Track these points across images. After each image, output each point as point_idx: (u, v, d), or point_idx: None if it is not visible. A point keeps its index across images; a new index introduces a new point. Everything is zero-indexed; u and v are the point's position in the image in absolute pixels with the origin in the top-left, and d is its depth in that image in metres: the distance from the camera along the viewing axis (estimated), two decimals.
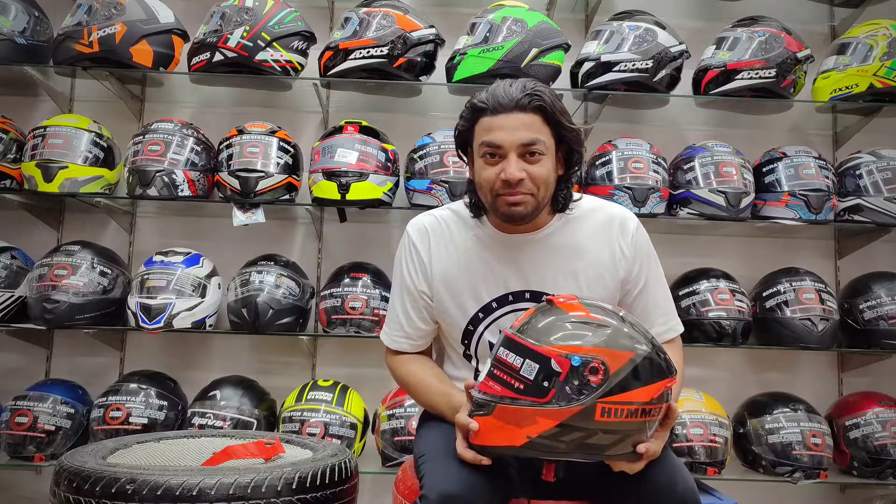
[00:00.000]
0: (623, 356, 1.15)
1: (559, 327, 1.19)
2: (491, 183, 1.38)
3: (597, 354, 1.14)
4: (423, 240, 1.52)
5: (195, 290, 2.38)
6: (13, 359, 2.66)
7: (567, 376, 1.13)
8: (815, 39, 2.78)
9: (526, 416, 1.14)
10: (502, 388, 1.17)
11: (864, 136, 2.73)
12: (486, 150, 1.38)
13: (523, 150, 1.36)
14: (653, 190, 2.43)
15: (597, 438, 1.14)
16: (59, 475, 1.31)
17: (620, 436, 1.15)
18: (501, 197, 1.38)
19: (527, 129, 1.36)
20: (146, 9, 2.46)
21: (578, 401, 1.13)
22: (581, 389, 1.13)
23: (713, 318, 2.43)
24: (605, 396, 1.13)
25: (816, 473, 2.33)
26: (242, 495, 1.23)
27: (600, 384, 1.13)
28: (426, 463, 1.33)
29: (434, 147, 2.46)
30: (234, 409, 2.32)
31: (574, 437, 1.14)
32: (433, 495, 1.20)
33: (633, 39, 2.48)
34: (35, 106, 2.77)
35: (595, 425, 1.13)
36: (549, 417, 1.13)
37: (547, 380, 1.14)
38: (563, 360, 1.14)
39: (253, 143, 2.43)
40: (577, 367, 1.13)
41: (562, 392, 1.13)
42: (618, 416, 1.14)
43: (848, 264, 2.79)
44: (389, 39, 2.42)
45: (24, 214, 2.63)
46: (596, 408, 1.13)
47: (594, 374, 1.13)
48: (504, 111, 1.36)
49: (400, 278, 1.55)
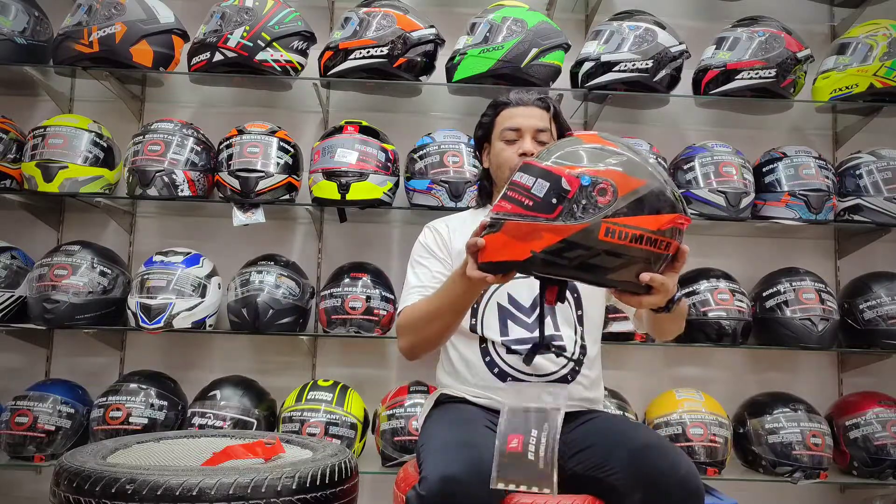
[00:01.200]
0: (634, 182, 1.17)
1: (574, 153, 1.21)
2: (510, 160, 1.66)
3: (607, 176, 1.16)
4: (442, 228, 1.74)
5: (195, 290, 2.38)
6: (13, 359, 2.66)
7: (576, 195, 1.15)
8: (815, 39, 2.79)
9: (532, 230, 1.16)
10: (513, 206, 1.19)
11: (864, 136, 2.73)
12: (508, 134, 1.69)
13: (536, 133, 1.68)
14: None
15: (599, 259, 1.15)
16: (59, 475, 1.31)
17: (624, 261, 1.16)
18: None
19: (541, 119, 1.69)
20: (146, 9, 2.46)
21: (584, 218, 1.14)
22: (587, 208, 1.15)
23: (713, 318, 2.43)
24: (611, 217, 1.14)
25: (816, 473, 2.33)
26: (242, 495, 1.23)
27: (607, 205, 1.15)
28: (427, 451, 1.37)
29: (434, 147, 2.46)
30: (234, 409, 2.32)
31: (577, 255, 1.15)
32: (433, 477, 1.24)
33: (633, 39, 2.47)
34: (35, 106, 2.77)
35: (598, 245, 1.14)
36: (554, 233, 1.15)
37: (556, 197, 1.16)
38: (573, 178, 1.16)
39: (253, 143, 2.43)
40: (586, 186, 1.15)
41: (569, 210, 1.15)
42: (622, 239, 1.14)
43: (848, 264, 2.79)
44: (389, 39, 2.42)
45: (24, 214, 2.63)
46: (600, 227, 1.14)
47: (602, 195, 1.15)
48: (524, 105, 1.71)
49: (421, 251, 1.72)
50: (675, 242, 1.20)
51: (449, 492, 1.22)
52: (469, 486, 1.23)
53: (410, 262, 1.73)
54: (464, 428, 1.44)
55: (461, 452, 1.29)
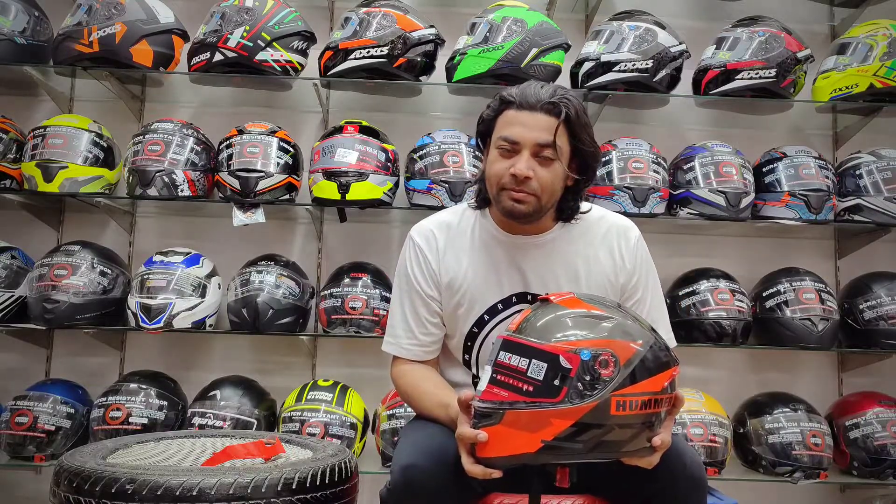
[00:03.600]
0: (631, 347, 1.13)
1: (561, 324, 1.16)
2: (500, 176, 1.41)
3: (605, 347, 1.11)
4: (431, 245, 1.53)
5: (195, 290, 2.38)
6: (13, 359, 2.66)
7: (578, 372, 1.09)
8: (815, 39, 2.78)
9: (539, 418, 1.09)
10: (509, 392, 1.12)
11: (864, 136, 2.73)
12: (503, 144, 1.41)
13: (537, 149, 1.38)
14: (653, 190, 2.43)
15: (613, 434, 1.11)
16: (59, 475, 1.31)
17: (635, 430, 1.13)
18: (506, 191, 1.40)
19: (545, 131, 1.38)
20: (146, 9, 2.46)
21: (592, 396, 1.09)
22: (594, 384, 1.09)
23: (713, 318, 2.43)
24: (619, 389, 1.10)
25: (816, 473, 2.33)
26: (242, 495, 1.23)
27: (612, 377, 1.10)
28: (397, 450, 1.36)
29: (434, 147, 2.45)
30: (234, 409, 2.31)
31: (591, 436, 1.10)
32: (396, 468, 1.25)
33: (633, 39, 2.47)
34: (35, 106, 2.77)
35: (611, 420, 1.10)
36: (564, 417, 1.09)
37: (557, 378, 1.09)
38: (572, 355, 1.10)
39: (253, 143, 2.43)
40: (587, 361, 1.10)
41: (574, 389, 1.09)
42: (633, 409, 1.10)
43: (848, 264, 2.79)
44: (389, 39, 2.42)
45: (24, 214, 2.63)
46: (611, 402, 1.09)
47: (605, 368, 1.10)
48: (528, 109, 1.39)
49: (407, 285, 1.53)
50: (677, 394, 1.18)
51: (410, 479, 1.23)
52: (429, 473, 1.23)
53: (396, 285, 1.58)
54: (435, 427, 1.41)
55: (425, 443, 1.30)
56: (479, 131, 1.52)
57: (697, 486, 1.27)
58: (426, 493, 1.23)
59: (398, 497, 1.25)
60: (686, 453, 1.29)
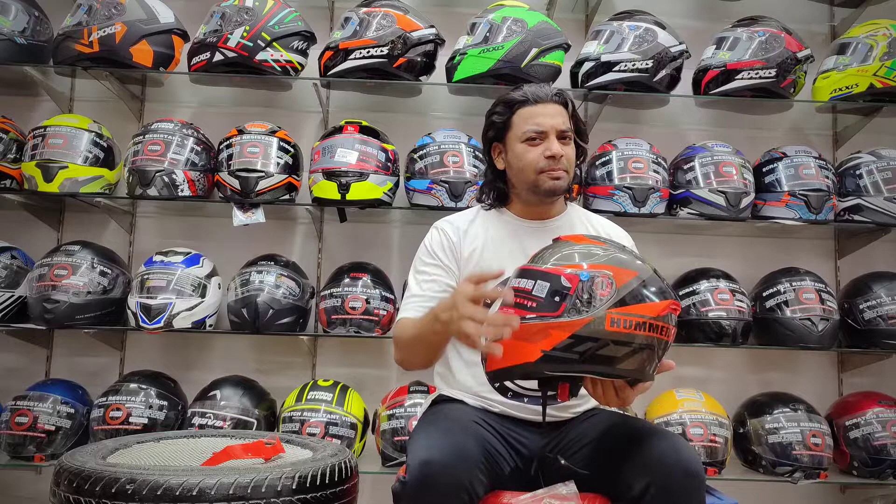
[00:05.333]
0: (628, 273, 1.23)
1: (567, 253, 1.28)
2: (536, 162, 1.58)
3: (603, 270, 1.22)
4: (453, 226, 1.68)
5: (195, 290, 2.38)
6: (13, 359, 2.66)
7: (576, 291, 1.20)
8: (815, 39, 2.79)
9: (539, 330, 1.19)
10: (516, 310, 1.22)
11: (864, 136, 2.73)
12: (531, 135, 1.59)
13: (560, 133, 1.60)
14: (653, 190, 2.43)
15: (608, 349, 1.19)
16: (59, 475, 1.31)
17: (631, 349, 1.20)
18: (545, 173, 1.59)
19: (561, 116, 1.61)
20: (146, 9, 2.46)
21: (589, 312, 1.19)
22: (590, 301, 1.19)
23: (713, 318, 2.43)
24: (614, 307, 1.19)
25: (816, 473, 2.33)
26: (242, 495, 1.23)
27: (608, 296, 1.20)
28: (412, 443, 1.39)
29: (434, 147, 2.46)
30: (234, 409, 2.31)
31: (587, 348, 1.18)
32: (414, 463, 1.26)
33: (633, 39, 2.48)
34: (35, 106, 2.77)
35: (606, 335, 1.18)
36: (561, 329, 1.18)
37: (558, 295, 1.20)
38: (572, 275, 1.21)
39: (253, 143, 2.43)
40: (585, 281, 1.20)
41: (572, 305, 1.19)
42: (627, 327, 1.19)
43: (848, 264, 2.79)
44: (389, 39, 2.42)
45: (24, 214, 2.63)
46: (606, 317, 1.18)
47: (602, 288, 1.20)
48: (543, 102, 1.61)
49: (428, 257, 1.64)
50: (673, 328, 1.25)
51: (428, 474, 1.24)
52: (448, 469, 1.24)
53: (414, 265, 1.67)
54: (451, 421, 1.45)
55: (443, 439, 1.32)
56: (490, 136, 1.67)
57: (693, 478, 1.28)
58: (443, 488, 1.24)
59: (414, 491, 1.25)
60: (682, 447, 1.32)
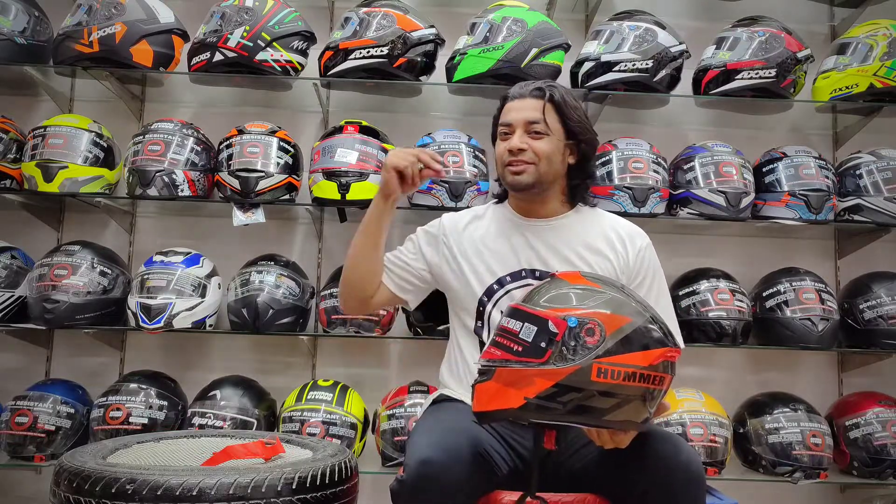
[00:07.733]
0: (619, 319, 1.19)
1: (559, 295, 1.24)
2: (501, 156, 1.63)
3: (593, 316, 1.18)
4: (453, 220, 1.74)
5: (195, 290, 2.38)
6: (13, 359, 2.66)
7: (563, 337, 1.16)
8: (815, 39, 2.79)
9: (524, 377, 1.17)
10: (502, 352, 1.21)
11: (864, 136, 2.73)
12: (502, 129, 1.64)
13: (528, 127, 1.60)
14: (653, 190, 2.43)
15: (594, 401, 1.16)
16: (59, 475, 1.32)
17: (618, 400, 1.16)
18: (508, 167, 1.61)
19: (533, 110, 1.60)
20: (146, 9, 2.46)
21: (574, 360, 1.15)
22: (577, 349, 1.16)
23: (713, 318, 2.43)
24: (602, 357, 1.15)
25: (816, 473, 2.33)
26: (242, 495, 1.23)
27: (596, 345, 1.16)
28: (411, 442, 1.39)
29: (434, 147, 2.45)
30: (234, 409, 2.31)
31: (571, 398, 1.16)
32: (412, 462, 1.26)
33: (633, 39, 2.48)
34: (35, 106, 2.77)
35: (592, 386, 1.15)
36: (546, 377, 1.16)
37: (544, 341, 1.17)
38: (560, 321, 1.17)
39: (253, 143, 2.43)
40: (573, 327, 1.17)
41: (559, 353, 1.16)
42: (615, 378, 1.15)
43: (848, 264, 2.79)
44: (389, 39, 2.42)
45: (24, 214, 2.63)
46: (592, 368, 1.15)
47: (590, 335, 1.17)
48: (519, 97, 1.63)
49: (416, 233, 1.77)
50: (669, 376, 1.21)
51: (426, 473, 1.24)
52: (446, 468, 1.24)
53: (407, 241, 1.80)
54: (451, 420, 1.45)
55: (442, 438, 1.31)
56: (492, 133, 1.72)
57: (693, 480, 1.28)
58: (441, 487, 1.24)
59: (412, 490, 1.25)
60: (682, 448, 1.31)
